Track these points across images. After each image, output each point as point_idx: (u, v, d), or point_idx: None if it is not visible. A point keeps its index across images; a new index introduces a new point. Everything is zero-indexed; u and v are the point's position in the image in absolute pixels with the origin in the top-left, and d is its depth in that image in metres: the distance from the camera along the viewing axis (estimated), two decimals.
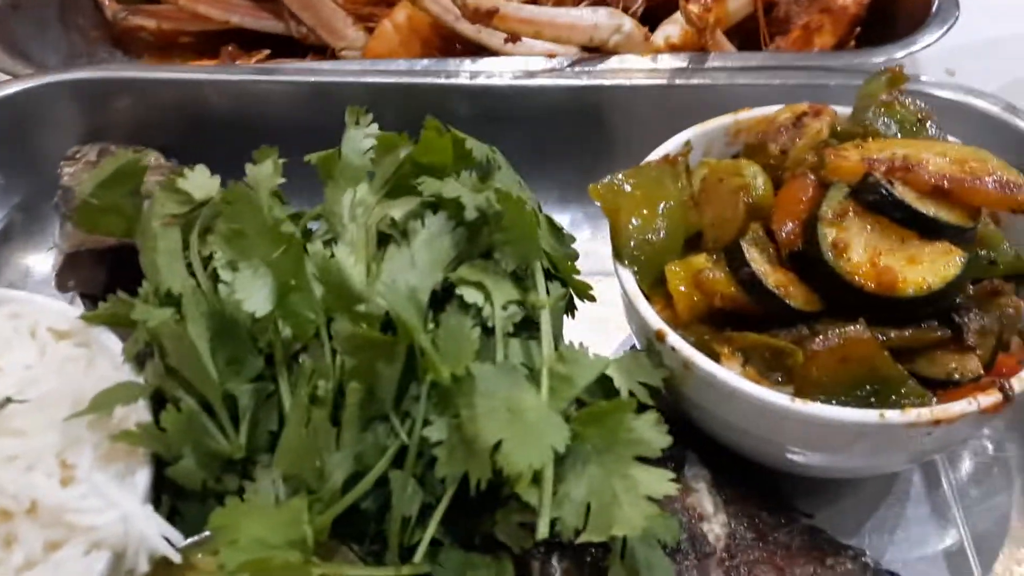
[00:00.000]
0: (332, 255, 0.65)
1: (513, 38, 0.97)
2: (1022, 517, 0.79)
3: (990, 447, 0.84)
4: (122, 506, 0.59)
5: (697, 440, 0.77)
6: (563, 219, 1.04)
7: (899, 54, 1.03)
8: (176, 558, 0.59)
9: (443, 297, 0.68)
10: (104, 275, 0.88)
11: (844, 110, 0.85)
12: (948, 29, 1.06)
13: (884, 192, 0.69)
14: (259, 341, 0.65)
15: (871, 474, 0.81)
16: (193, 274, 0.69)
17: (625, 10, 1.05)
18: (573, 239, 0.81)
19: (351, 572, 0.61)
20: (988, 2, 1.37)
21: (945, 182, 0.70)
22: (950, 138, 0.82)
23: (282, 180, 0.74)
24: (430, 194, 0.69)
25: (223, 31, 1.27)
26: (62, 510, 0.58)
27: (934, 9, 1.09)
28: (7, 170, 1.01)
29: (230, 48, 1.25)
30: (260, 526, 0.59)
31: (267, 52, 1.23)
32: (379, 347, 0.60)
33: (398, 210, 0.70)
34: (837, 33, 1.15)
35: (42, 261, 1.01)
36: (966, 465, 0.83)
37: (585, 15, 1.00)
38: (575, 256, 0.80)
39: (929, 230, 0.69)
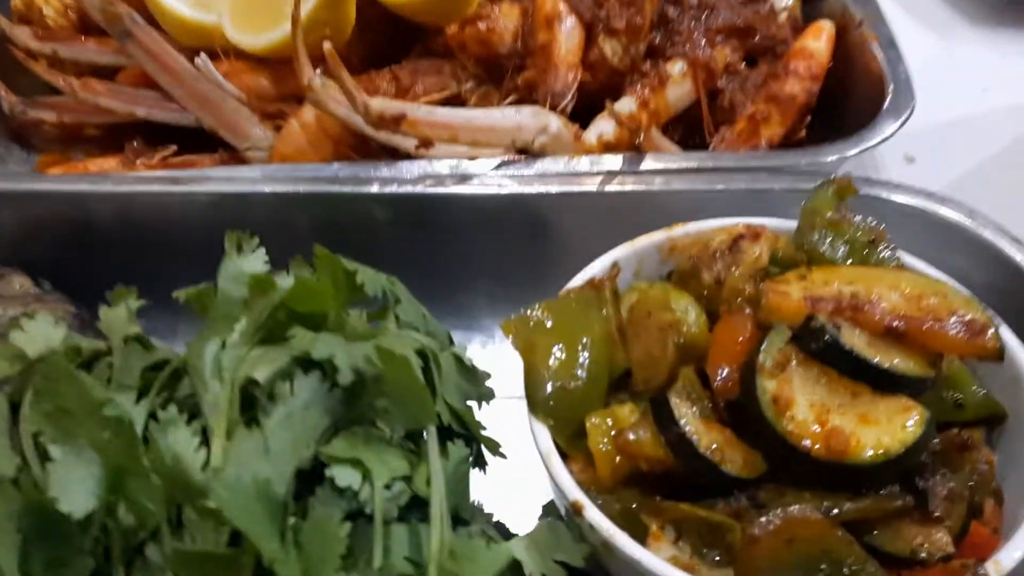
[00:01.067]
0: (171, 437, 0.54)
1: (425, 144, 0.87)
2: None
3: None
4: None
5: None
6: (492, 334, 0.96)
7: (851, 151, 0.94)
8: None
9: (316, 471, 0.57)
10: None
11: (788, 225, 0.76)
12: (904, 121, 0.98)
13: (830, 339, 0.60)
14: (83, 541, 0.54)
15: None
16: (18, 452, 0.58)
17: (553, 107, 0.96)
18: (487, 375, 0.71)
19: None
20: (946, 79, 1.31)
21: (900, 324, 0.61)
22: (905, 257, 0.73)
23: (136, 330, 0.64)
24: (301, 352, 0.59)
25: (129, 124, 1.17)
26: None
27: (888, 98, 1.02)
28: None
29: (135, 144, 1.15)
30: None
31: (174, 148, 1.13)
32: (217, 563, 0.49)
33: (263, 369, 0.60)
34: (785, 123, 1.07)
35: None
36: None
37: (507, 115, 0.91)
38: (489, 396, 0.70)
39: (884, 383, 0.60)
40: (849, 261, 0.70)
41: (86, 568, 0.54)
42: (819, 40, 1.11)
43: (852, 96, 1.10)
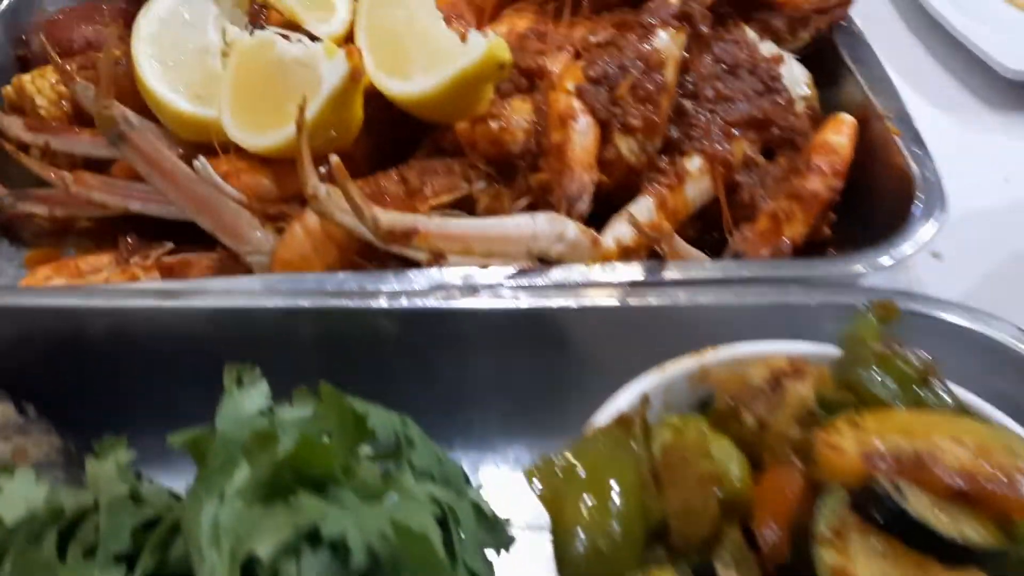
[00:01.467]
0: None
1: (437, 257, 0.82)
2: None
3: None
4: None
5: None
6: (506, 456, 0.90)
7: (886, 261, 0.90)
8: None
9: None
10: None
11: (829, 352, 0.71)
12: (937, 232, 0.93)
13: (894, 508, 0.54)
14: None
15: None
16: None
17: (569, 212, 0.92)
18: (505, 522, 0.65)
19: None
20: (967, 169, 1.26)
21: (968, 486, 0.56)
22: (956, 389, 0.68)
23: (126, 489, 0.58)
24: (309, 523, 0.53)
25: (126, 218, 1.12)
26: None
27: (919, 202, 0.97)
28: None
29: (129, 240, 1.10)
30: None
31: (170, 246, 1.08)
32: None
33: (267, 542, 0.54)
34: (808, 221, 1.03)
35: None
36: None
37: (522, 224, 0.86)
38: (509, 543, 0.64)
39: (953, 555, 0.54)
40: (902, 401, 0.64)
41: None
42: (841, 134, 1.07)
43: (877, 192, 1.06)
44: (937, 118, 1.36)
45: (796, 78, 1.17)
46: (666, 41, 1.03)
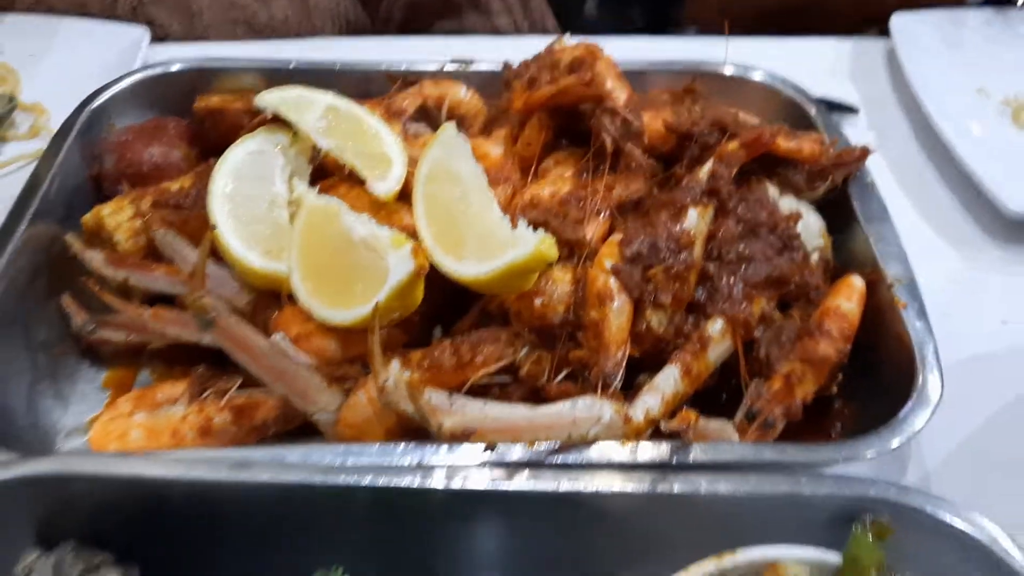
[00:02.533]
0: None
1: (490, 446, 0.94)
2: None
3: None
4: None
5: None
6: None
7: (891, 444, 1.01)
8: None
9: None
10: None
11: (831, 561, 0.82)
12: (934, 411, 1.04)
13: None
14: None
15: None
16: None
17: (605, 387, 1.03)
18: None
19: None
20: (966, 309, 1.37)
21: None
22: None
23: None
24: None
25: (197, 347, 1.23)
26: None
27: (919, 386, 1.08)
28: None
29: (201, 369, 1.21)
30: None
31: (239, 380, 1.19)
32: None
33: None
34: (819, 381, 1.13)
35: None
36: None
37: (563, 412, 0.97)
38: None
39: None
40: None
41: None
42: (851, 301, 1.17)
43: (878, 352, 1.16)
44: (940, 252, 1.45)
45: (811, 229, 1.28)
46: (695, 220, 1.13)
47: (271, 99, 1.27)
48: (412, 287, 1.01)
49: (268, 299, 1.18)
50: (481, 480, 0.95)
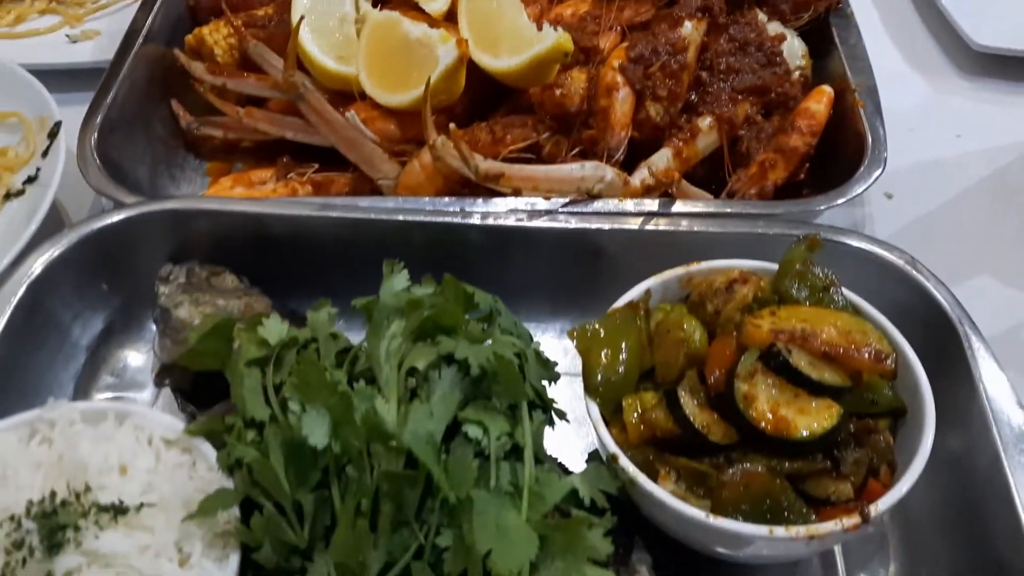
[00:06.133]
0: (373, 400, 0.90)
1: (516, 192, 1.21)
2: None
3: (876, 536, 1.08)
4: None
5: (644, 530, 1.01)
6: (554, 327, 1.30)
7: (838, 201, 1.26)
8: None
9: (453, 429, 0.92)
10: (191, 376, 1.14)
11: (772, 267, 1.08)
12: (877, 176, 1.28)
13: (783, 360, 0.93)
14: (318, 462, 0.90)
15: (779, 562, 1.05)
16: (270, 405, 0.93)
17: (609, 159, 1.29)
18: (555, 364, 1.05)
19: None
20: (926, 125, 1.60)
21: (831, 350, 0.94)
22: (849, 295, 1.05)
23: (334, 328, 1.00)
24: (445, 352, 0.94)
25: (279, 141, 1.51)
26: None
27: (867, 157, 1.32)
28: (110, 279, 1.26)
29: (285, 159, 1.49)
30: None
31: (316, 166, 1.47)
32: (405, 478, 0.85)
33: (421, 361, 0.95)
34: (788, 169, 1.38)
35: (136, 356, 1.26)
36: (856, 550, 1.07)
37: (574, 170, 1.24)
38: (556, 377, 1.04)
39: (816, 389, 0.93)
40: (809, 301, 1.02)
41: (315, 478, 0.90)
42: (820, 103, 1.41)
43: (841, 148, 1.40)
44: (910, 78, 1.67)
45: (795, 51, 1.51)
46: (689, 29, 1.37)
47: None
48: (456, 72, 1.27)
49: (340, 99, 1.44)
50: (509, 220, 1.23)
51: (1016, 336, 1.27)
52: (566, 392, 1.04)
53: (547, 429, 1.01)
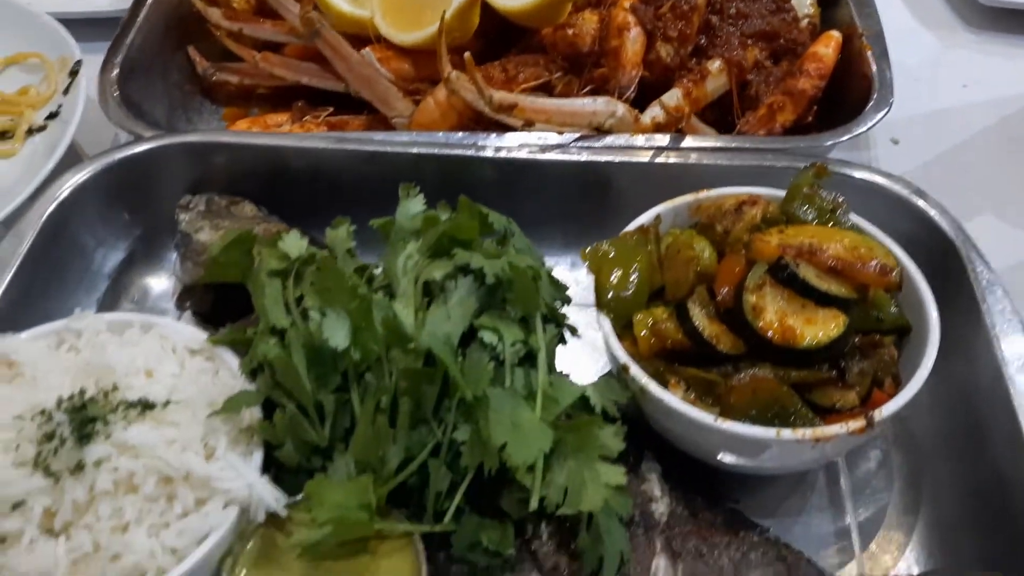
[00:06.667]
0: (392, 306, 0.92)
1: (528, 124, 1.23)
2: (897, 510, 1.05)
3: (880, 455, 1.10)
4: (247, 476, 0.87)
5: (653, 442, 1.03)
6: (565, 260, 1.33)
7: (842, 138, 1.28)
8: (283, 513, 0.87)
9: (469, 336, 0.95)
10: (212, 297, 1.17)
11: (779, 194, 1.10)
12: (884, 115, 1.30)
13: (791, 272, 0.95)
14: (338, 365, 0.92)
15: (784, 473, 1.08)
16: (291, 313, 0.96)
17: (619, 96, 1.31)
18: (566, 288, 1.07)
19: (400, 527, 0.88)
20: (934, 76, 1.62)
21: (837, 264, 0.97)
22: (856, 219, 1.07)
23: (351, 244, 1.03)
24: (461, 263, 0.96)
25: (294, 87, 1.53)
26: (207, 478, 0.86)
27: (873, 96, 1.34)
28: (131, 209, 1.29)
29: (300, 103, 1.52)
30: (339, 494, 0.86)
31: (331, 109, 1.49)
32: (424, 375, 0.88)
33: (438, 272, 0.97)
34: (796, 112, 1.40)
35: (158, 282, 1.29)
36: (859, 469, 1.09)
37: (586, 104, 1.26)
38: (568, 300, 1.07)
39: (823, 300, 0.95)
40: (815, 222, 1.04)
41: (336, 383, 0.93)
42: (828, 47, 1.43)
43: (848, 92, 1.42)
44: (917, 32, 1.69)
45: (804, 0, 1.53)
46: None
47: None
48: (470, 10, 1.30)
49: (355, 44, 1.46)
50: (521, 154, 1.25)
51: (1021, 272, 1.29)
52: (578, 321, 1.06)
53: (558, 351, 1.03)
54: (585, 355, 1.11)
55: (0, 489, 0.83)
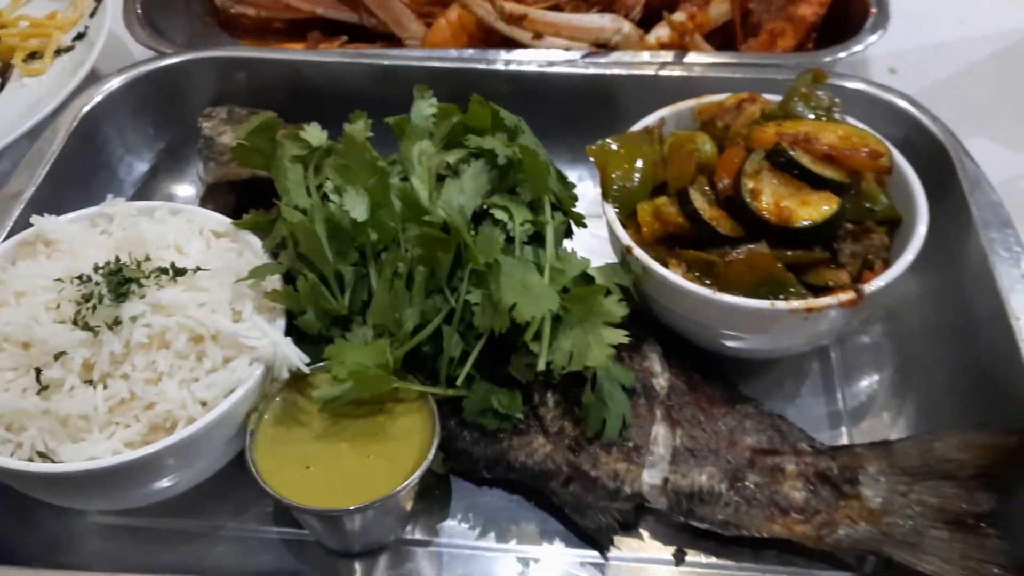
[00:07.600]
0: (409, 182, 0.98)
1: (538, 36, 1.28)
2: (886, 392, 1.11)
3: (869, 341, 1.15)
4: (272, 336, 0.93)
5: (657, 330, 1.08)
6: (572, 174, 1.35)
7: (841, 55, 1.33)
8: (306, 370, 0.93)
9: (481, 216, 1.00)
10: (234, 200, 1.22)
11: (777, 98, 1.15)
12: (879, 36, 1.35)
13: (787, 156, 1.00)
14: (356, 240, 0.98)
15: (780, 355, 1.13)
16: (311, 195, 1.01)
17: (625, 16, 1.36)
18: (574, 185, 1.13)
19: (414, 387, 0.94)
20: (930, 10, 1.66)
21: (831, 151, 1.02)
22: (851, 120, 1.12)
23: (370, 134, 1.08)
24: (474, 147, 1.02)
25: (309, 19, 1.59)
26: (235, 336, 0.92)
27: (871, 19, 1.39)
28: (156, 122, 1.34)
29: (315, 34, 1.58)
30: (359, 354, 0.92)
31: (345, 38, 1.55)
32: (439, 242, 0.93)
33: (452, 156, 1.03)
34: (797, 37, 1.45)
35: (182, 189, 1.35)
36: (850, 354, 1.14)
37: (594, 20, 1.31)
38: (575, 198, 1.12)
39: (818, 183, 1.00)
40: (811, 118, 1.09)
41: (355, 257, 0.98)
42: None
43: (848, 19, 1.47)
44: None
45: None
46: None
47: None
48: None
49: None
50: (531, 67, 1.30)
51: (1015, 186, 1.33)
52: (582, 232, 1.11)
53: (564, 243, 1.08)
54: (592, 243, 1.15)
55: (42, 342, 0.88)
